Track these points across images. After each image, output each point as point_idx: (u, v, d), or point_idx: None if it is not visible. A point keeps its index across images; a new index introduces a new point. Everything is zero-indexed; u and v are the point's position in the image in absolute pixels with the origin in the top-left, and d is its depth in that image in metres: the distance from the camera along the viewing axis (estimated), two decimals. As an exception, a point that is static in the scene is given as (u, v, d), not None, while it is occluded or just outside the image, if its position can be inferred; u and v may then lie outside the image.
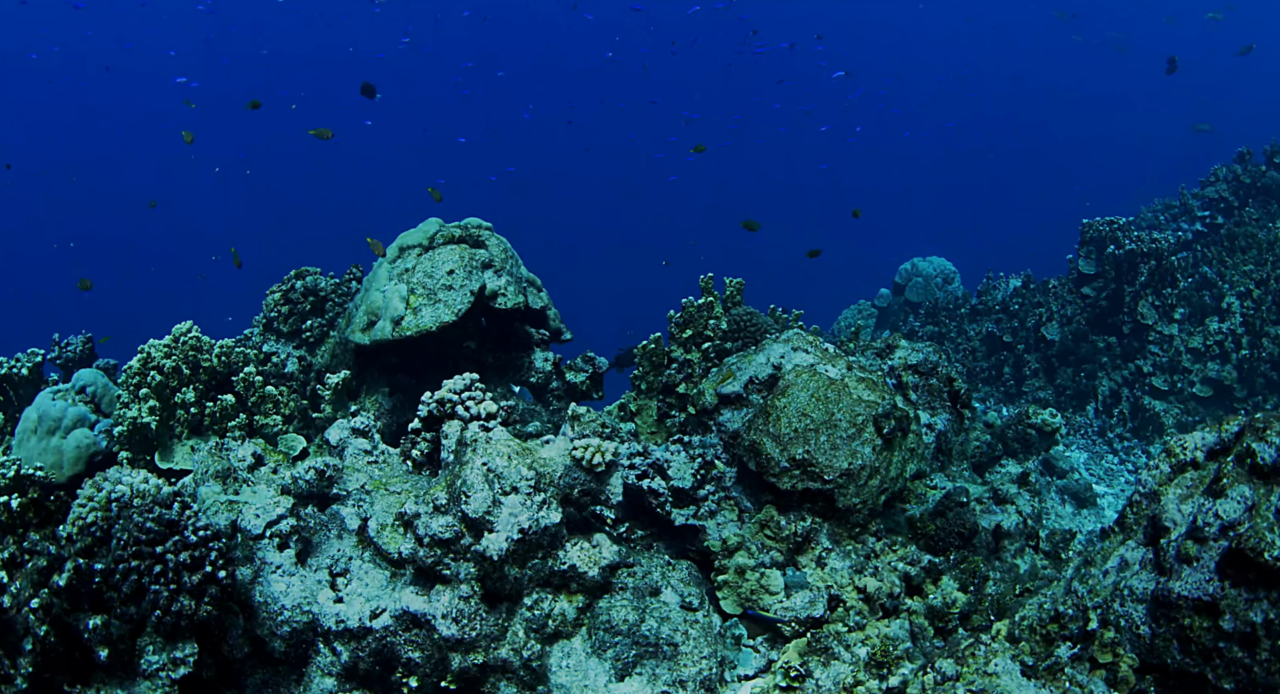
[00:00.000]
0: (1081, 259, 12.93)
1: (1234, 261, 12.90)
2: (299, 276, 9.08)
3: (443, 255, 7.14)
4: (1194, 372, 12.33)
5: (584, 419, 5.22)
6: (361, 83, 11.44)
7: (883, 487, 5.99)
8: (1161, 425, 12.06)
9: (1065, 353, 12.61)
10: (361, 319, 7.36)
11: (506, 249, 7.53)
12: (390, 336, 7.03)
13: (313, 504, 5.99)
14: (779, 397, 5.90)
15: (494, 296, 7.21)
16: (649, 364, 8.20)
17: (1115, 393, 12.31)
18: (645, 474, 5.95)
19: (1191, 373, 12.32)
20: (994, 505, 6.95)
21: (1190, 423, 12.16)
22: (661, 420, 8.05)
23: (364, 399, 7.73)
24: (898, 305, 15.64)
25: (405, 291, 7.11)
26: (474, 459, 5.00)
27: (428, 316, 6.97)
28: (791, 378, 6.01)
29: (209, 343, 7.28)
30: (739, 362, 6.38)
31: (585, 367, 7.78)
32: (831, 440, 5.74)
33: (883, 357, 7.58)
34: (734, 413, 6.19)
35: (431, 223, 7.64)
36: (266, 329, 9.14)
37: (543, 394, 7.68)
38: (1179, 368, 12.26)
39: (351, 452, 6.41)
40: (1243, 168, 14.60)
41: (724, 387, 6.23)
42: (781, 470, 5.75)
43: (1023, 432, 9.08)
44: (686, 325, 8.17)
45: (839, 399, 5.88)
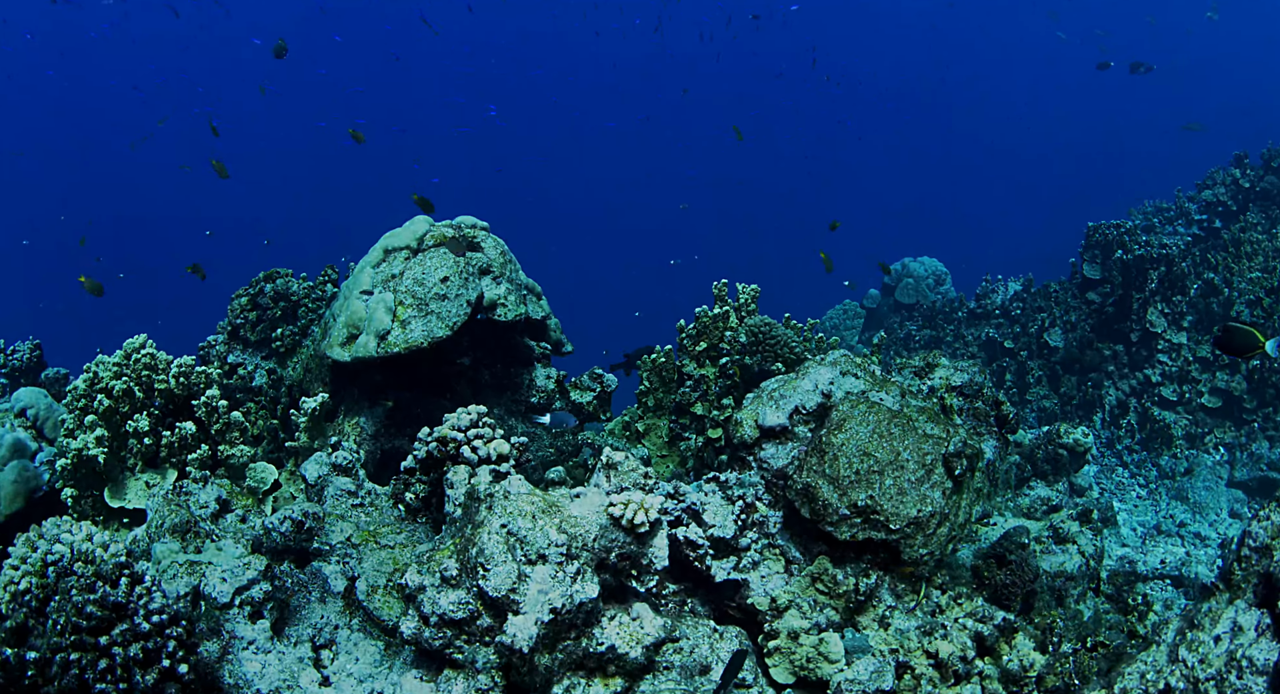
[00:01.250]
0: (1086, 263, 12.14)
1: (1240, 268, 12.16)
2: (269, 279, 8.04)
3: (434, 260, 6.14)
4: (1203, 381, 11.59)
5: (622, 468, 4.26)
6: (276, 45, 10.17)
7: (951, 534, 5.10)
8: (1170, 437, 11.31)
9: (1070, 360, 11.82)
10: (341, 332, 6.35)
11: (504, 252, 6.55)
12: (375, 353, 6.03)
13: (290, 559, 5.01)
14: (835, 432, 4.98)
15: (493, 307, 6.23)
16: (658, 379, 7.26)
17: (1123, 403, 11.53)
18: (679, 521, 5.01)
19: (1200, 383, 11.58)
20: (1054, 545, 6.10)
21: (1199, 434, 11.43)
22: (673, 443, 7.12)
23: (343, 422, 6.73)
24: (888, 307, 14.81)
25: (392, 301, 6.11)
26: (490, 519, 4.03)
27: (418, 331, 5.98)
28: (846, 409, 5.09)
29: (165, 361, 6.23)
30: (781, 387, 5.45)
31: (592, 385, 6.82)
32: (898, 484, 4.83)
33: (921, 376, 6.69)
34: (778, 448, 5.27)
35: (420, 222, 6.64)
36: (232, 337, 8.10)
37: (545, 415, 6.72)
38: (1188, 378, 11.51)
39: (333, 492, 5.43)
40: (1241, 171, 13.89)
41: (766, 417, 5.30)
42: (840, 518, 4.83)
43: (1053, 452, 8.24)
44: (701, 337, 7.23)
45: (904, 435, 4.97)
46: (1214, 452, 11.34)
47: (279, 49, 10.10)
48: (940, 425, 5.16)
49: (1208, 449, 11.35)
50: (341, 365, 6.46)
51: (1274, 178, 13.74)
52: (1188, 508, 10.60)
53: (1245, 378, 11.48)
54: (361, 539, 5.10)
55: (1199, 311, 11.77)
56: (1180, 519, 10.31)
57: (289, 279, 7.98)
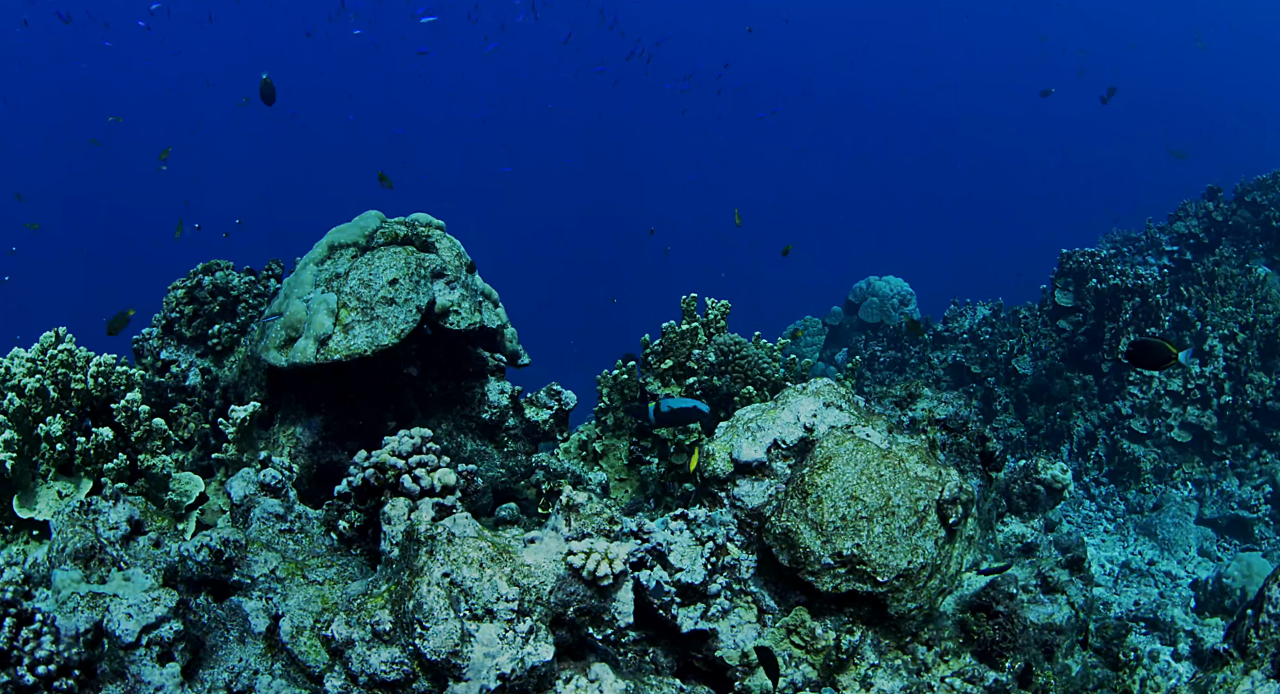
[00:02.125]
0: (1058, 290, 11.74)
1: (1214, 302, 11.81)
2: (207, 271, 7.37)
3: (384, 260, 5.54)
4: (1173, 415, 11.22)
5: (584, 510, 3.69)
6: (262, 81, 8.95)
7: (942, 587, 4.58)
8: (1139, 471, 10.92)
9: (1038, 389, 11.40)
10: (278, 334, 5.73)
11: (460, 254, 5.95)
12: (313, 360, 5.42)
13: (207, 591, 4.40)
14: (819, 471, 4.44)
15: (445, 314, 5.64)
16: (619, 397, 6.70)
17: (1091, 434, 11.13)
18: (643, 562, 4.45)
19: (1170, 416, 11.20)
20: (1043, 595, 5.59)
21: (1168, 469, 11.05)
22: (634, 466, 6.56)
23: (278, 431, 6.10)
24: (850, 325, 14.33)
25: (335, 303, 5.50)
26: (431, 567, 3.44)
27: (362, 337, 5.37)
28: (832, 446, 4.55)
29: (84, 359, 5.58)
30: (759, 417, 4.90)
31: (549, 402, 6.23)
32: (888, 532, 4.30)
33: (902, 406, 6.18)
34: (754, 485, 4.71)
35: (370, 217, 6.03)
36: (166, 332, 7.43)
37: (496, 433, 6.11)
38: (1158, 411, 11.13)
39: (259, 515, 4.81)
40: (1214, 204, 13.57)
41: (741, 450, 4.75)
42: (823, 568, 4.29)
43: (1030, 488, 7.77)
44: (666, 354, 6.69)
45: (894, 477, 4.44)
46: (1182, 487, 10.96)
47: (265, 87, 9.04)
48: (932, 467, 4.64)
49: (1176, 484, 10.97)
50: (278, 370, 5.84)
51: (1246, 212, 13.43)
52: (1156, 544, 10.21)
53: (1216, 413, 11.12)
54: (287, 572, 4.49)
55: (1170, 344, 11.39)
56: (1149, 556, 9.91)
57: (229, 272, 7.33)
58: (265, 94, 8.76)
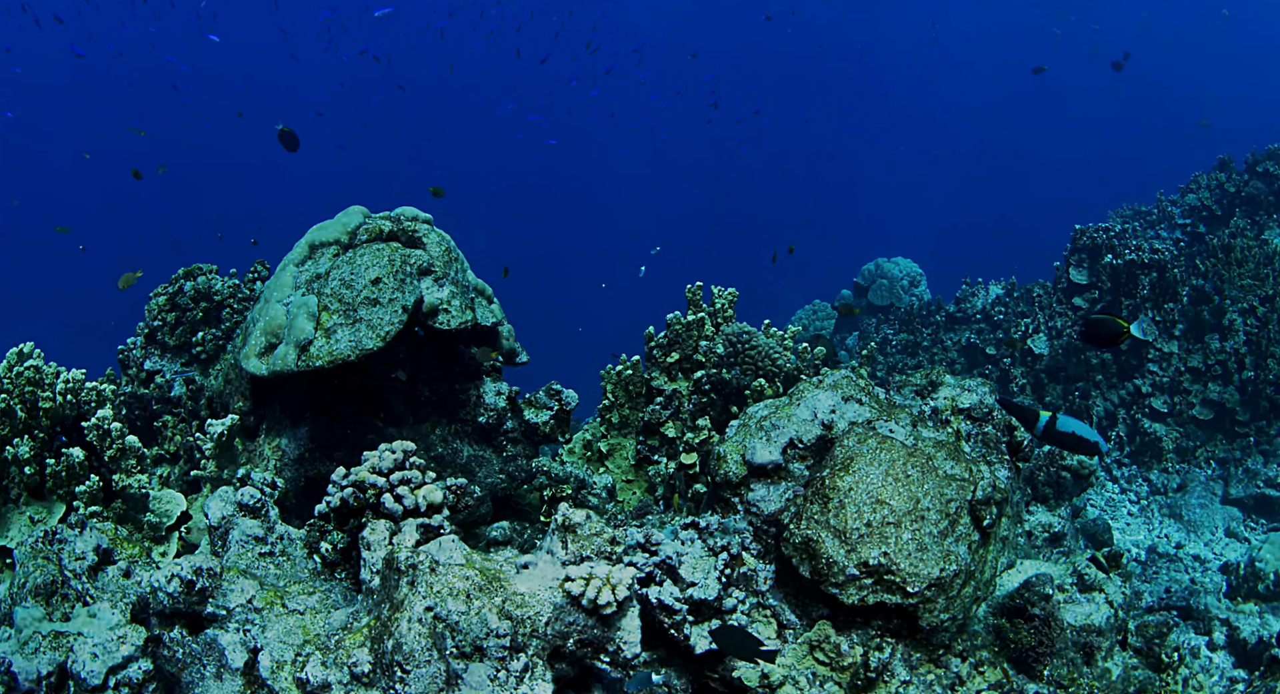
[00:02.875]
0: (1073, 267, 11.27)
1: (1231, 275, 11.35)
2: (189, 276, 6.98)
3: (366, 258, 5.12)
4: (1194, 393, 10.76)
5: (582, 531, 3.28)
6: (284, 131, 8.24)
7: (976, 594, 4.17)
8: (1161, 451, 10.48)
9: (1055, 368, 10.96)
10: (258, 341, 5.32)
11: (449, 249, 5.53)
12: (294, 367, 5.01)
13: (181, 624, 4.00)
14: (840, 473, 4.02)
15: (434, 313, 5.22)
16: (623, 394, 6.29)
17: (1111, 414, 10.68)
18: (651, 578, 4.04)
19: (1191, 394, 10.75)
20: (1079, 594, 5.16)
21: (1190, 448, 10.60)
22: (641, 466, 6.15)
23: (263, 443, 5.70)
24: (860, 308, 13.90)
25: (315, 306, 5.09)
26: (412, 600, 3.04)
27: (344, 342, 4.96)
28: (853, 445, 4.13)
29: (51, 374, 5.18)
30: (773, 414, 4.48)
31: (549, 402, 5.81)
32: (918, 538, 3.88)
33: (923, 396, 5.74)
34: (770, 489, 4.29)
35: (353, 213, 5.62)
36: (149, 341, 7.04)
37: (494, 437, 5.70)
38: (1179, 388, 10.68)
39: (238, 538, 4.41)
40: (1226, 175, 13.08)
41: (755, 452, 4.33)
42: (847, 579, 3.88)
43: (1056, 474, 7.34)
44: (672, 347, 6.27)
45: (923, 477, 4.02)
46: (1206, 466, 10.52)
47: (286, 136, 8.34)
48: (962, 464, 4.22)
49: (1199, 463, 10.53)
50: (261, 379, 5.43)
51: (1259, 183, 12.94)
52: (1182, 526, 9.77)
53: (1238, 389, 10.67)
54: (266, 601, 4.09)
55: (1189, 320, 10.94)
56: (1176, 539, 9.47)
57: (211, 276, 6.93)
58: (287, 142, 8.25)
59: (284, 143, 8.22)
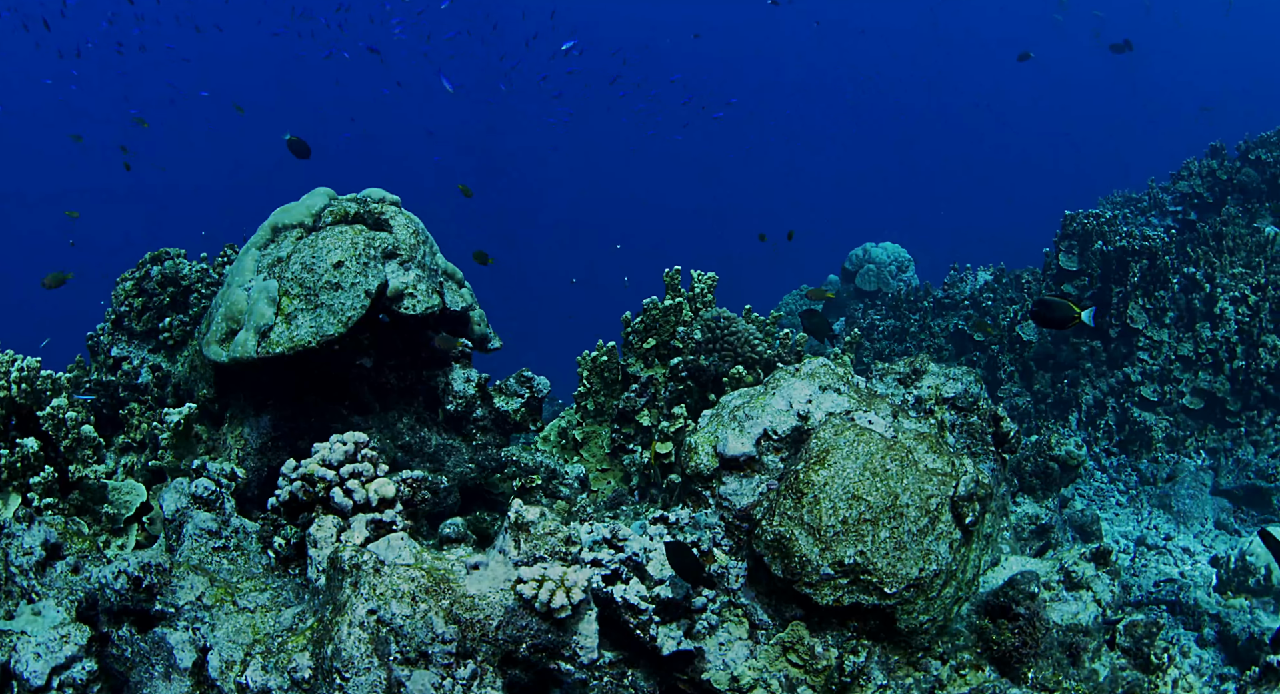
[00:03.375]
0: (1062, 253, 11.05)
1: (1222, 263, 11.14)
2: (155, 260, 6.74)
3: (329, 241, 4.89)
4: (1184, 382, 10.57)
5: (535, 530, 3.06)
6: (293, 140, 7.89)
7: (958, 594, 3.96)
8: (1151, 440, 10.28)
9: (1044, 356, 10.75)
10: (220, 326, 5.10)
11: (417, 231, 5.30)
12: (254, 354, 4.78)
13: (130, 622, 3.80)
14: (815, 466, 3.80)
15: (399, 297, 4.99)
16: (599, 381, 6.07)
17: (1100, 402, 10.48)
18: (616, 575, 3.82)
19: (1181, 383, 10.55)
20: (1066, 592, 4.97)
21: (1180, 438, 10.41)
22: (615, 455, 5.93)
23: (227, 432, 5.48)
24: (847, 293, 13.66)
25: (276, 291, 4.86)
26: (354, 603, 2.82)
27: (305, 328, 4.73)
28: (830, 437, 3.91)
29: (6, 362, 4.95)
30: (746, 404, 4.26)
31: (520, 390, 5.59)
32: (896, 537, 3.67)
33: (906, 384, 5.53)
34: (742, 482, 4.08)
35: (318, 195, 5.38)
36: (116, 327, 6.80)
37: (463, 425, 5.47)
38: (1170, 377, 10.48)
39: (192, 531, 4.20)
40: (1218, 162, 12.86)
41: (727, 443, 4.11)
42: (821, 578, 3.67)
43: (1043, 465, 7.14)
44: (649, 332, 6.05)
45: (902, 472, 3.81)
46: (1196, 456, 10.32)
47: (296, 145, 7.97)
48: (944, 457, 4.01)
49: (1189, 453, 10.33)
50: (224, 365, 5.20)
51: (1251, 170, 12.72)
52: (1171, 517, 9.59)
53: (1229, 378, 10.47)
54: (216, 599, 3.87)
55: (1180, 308, 10.74)
56: (1165, 531, 9.29)
57: (179, 260, 6.68)
58: (298, 150, 7.97)
59: (294, 151, 7.98)
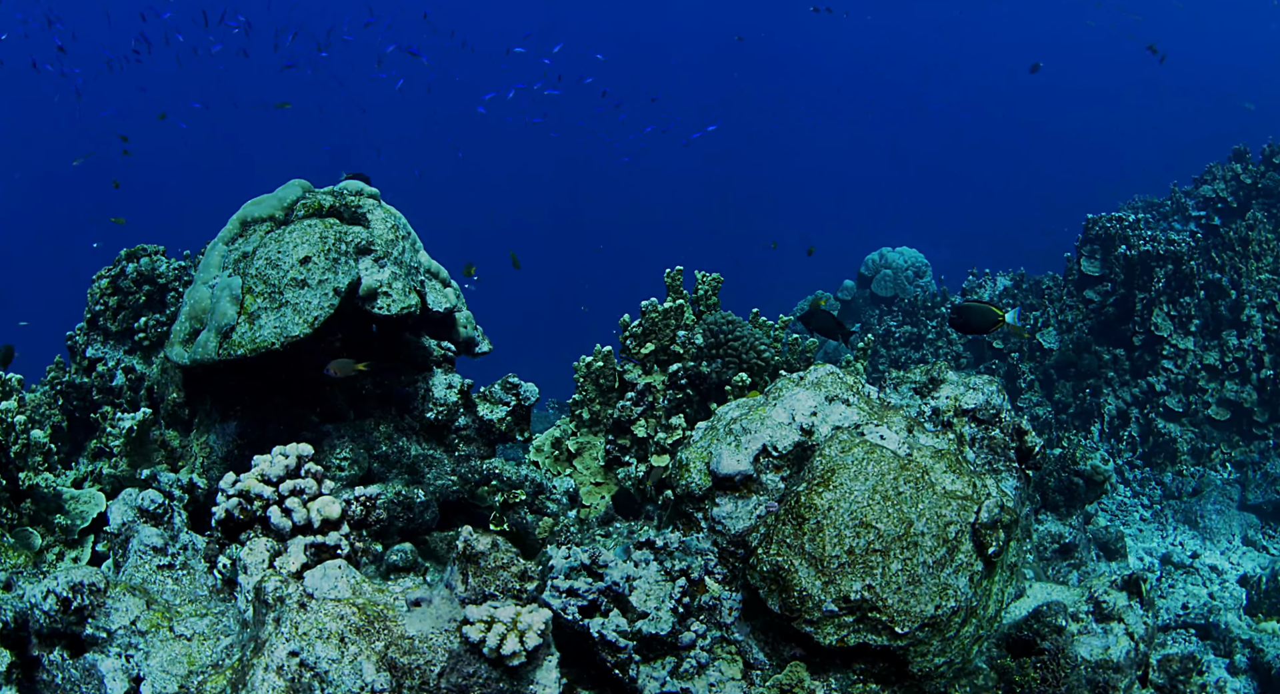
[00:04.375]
0: (1084, 258, 10.52)
1: (1248, 269, 10.59)
2: (131, 257, 6.32)
3: (296, 235, 4.44)
4: (1209, 392, 10.02)
5: (487, 562, 2.59)
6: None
7: (978, 634, 3.47)
8: (1175, 452, 9.74)
9: (1065, 364, 10.22)
10: (183, 326, 4.66)
11: (397, 226, 4.84)
12: (215, 356, 4.34)
13: (62, 646, 3.36)
14: (819, 488, 3.32)
15: (372, 296, 4.53)
16: (594, 388, 5.60)
17: (1123, 413, 9.94)
18: (594, 607, 3.35)
19: (1207, 393, 10.00)
20: (1095, 624, 4.46)
21: (1206, 449, 9.86)
22: (610, 468, 5.46)
23: (193, 439, 5.04)
24: (863, 299, 13.15)
25: (239, 288, 4.41)
26: (276, 642, 2.37)
27: (269, 328, 4.28)
28: (835, 454, 3.43)
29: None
30: (744, 416, 3.78)
31: (506, 397, 5.12)
32: (909, 569, 3.19)
33: (922, 394, 5.03)
34: (738, 504, 3.60)
35: (292, 187, 4.94)
36: (91, 327, 6.39)
37: (445, 434, 5.01)
38: (1195, 387, 9.94)
39: (137, 548, 3.74)
40: (1242, 166, 12.28)
41: (721, 460, 3.63)
42: (824, 616, 3.18)
43: (1067, 480, 6.63)
44: (648, 336, 5.57)
45: (917, 495, 3.32)
46: (1222, 469, 9.78)
47: None
48: (964, 478, 3.52)
49: (1215, 466, 9.79)
50: (189, 368, 4.76)
51: (1276, 174, 12.15)
52: (1197, 534, 9.03)
53: (1256, 388, 9.92)
54: (151, 624, 3.42)
55: (1205, 315, 10.19)
56: (1191, 548, 8.74)
57: (156, 257, 6.27)
58: None
59: None
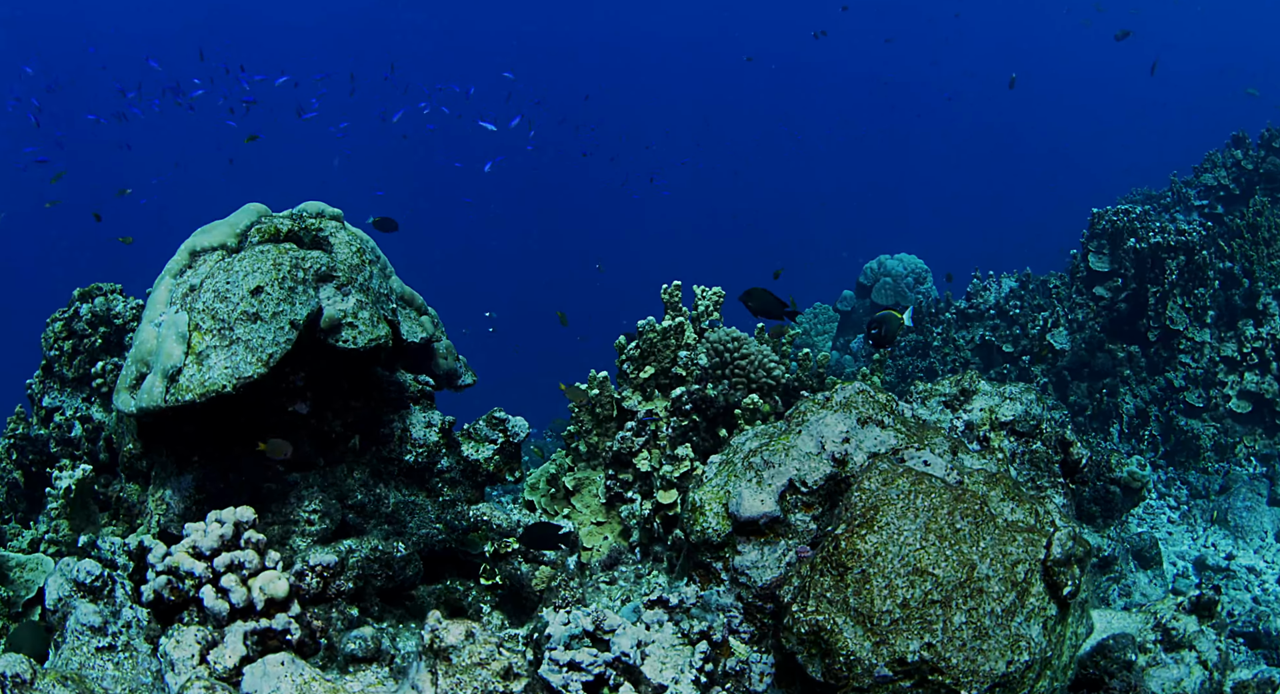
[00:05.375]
0: (1092, 254, 9.97)
1: (1260, 255, 10.05)
2: (85, 297, 5.75)
3: (246, 264, 3.87)
4: (1229, 384, 9.46)
5: (459, 658, 2.01)
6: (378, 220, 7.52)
7: (1052, 687, 2.88)
8: (1198, 449, 9.17)
9: (1079, 365, 9.65)
10: (130, 370, 4.08)
11: (363, 250, 4.27)
12: (161, 403, 3.76)
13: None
14: (861, 530, 2.75)
15: (335, 328, 3.95)
16: (590, 418, 5.02)
17: (1142, 411, 9.37)
18: (601, 681, 2.77)
19: (1227, 385, 9.44)
20: (1165, 654, 3.88)
21: (1229, 444, 9.29)
22: (612, 505, 4.87)
23: (150, 495, 4.46)
24: (863, 309, 12.59)
25: (186, 325, 3.84)
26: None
27: (219, 370, 3.70)
28: (876, 487, 2.85)
29: None
30: (764, 446, 3.20)
31: (492, 434, 4.53)
32: (975, 621, 2.61)
33: (953, 407, 4.46)
34: (763, 551, 3.02)
35: (246, 212, 4.37)
36: (47, 374, 5.81)
37: (427, 478, 4.42)
38: (1214, 380, 9.37)
39: (74, 628, 3.15)
40: (1243, 152, 11.76)
41: (742, 501, 3.05)
42: (877, 682, 2.60)
43: (1103, 490, 6.05)
44: (647, 359, 4.99)
45: (977, 532, 2.74)
46: (1247, 463, 9.21)
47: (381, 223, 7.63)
48: (1024, 506, 2.94)
49: (1240, 461, 9.21)
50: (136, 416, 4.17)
51: (1277, 159, 11.64)
52: (1228, 533, 8.45)
53: (1276, 378, 9.36)
54: (79, 725, 2.84)
55: (1219, 306, 9.64)
56: (1225, 549, 8.16)
57: (113, 297, 5.69)
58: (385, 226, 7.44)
59: (381, 228, 7.47)
